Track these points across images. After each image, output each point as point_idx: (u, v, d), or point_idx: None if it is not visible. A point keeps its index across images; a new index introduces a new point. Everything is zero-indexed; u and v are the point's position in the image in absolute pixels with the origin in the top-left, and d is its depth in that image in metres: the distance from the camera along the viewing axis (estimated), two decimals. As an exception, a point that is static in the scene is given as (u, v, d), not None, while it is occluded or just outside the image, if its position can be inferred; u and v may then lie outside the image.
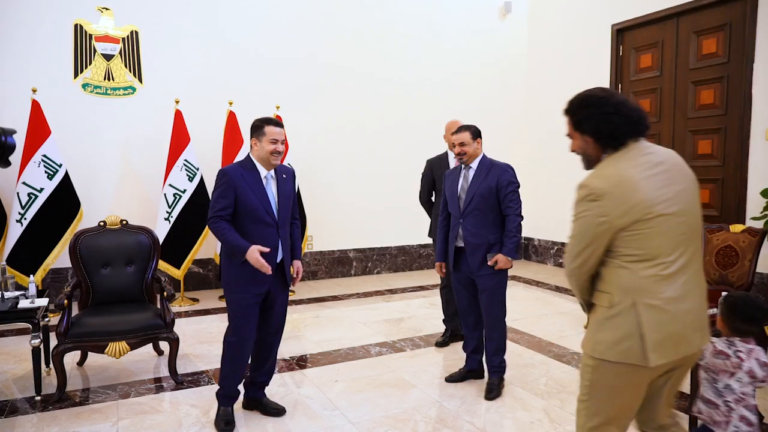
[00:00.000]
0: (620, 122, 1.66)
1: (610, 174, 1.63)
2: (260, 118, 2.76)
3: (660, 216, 1.59)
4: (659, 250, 1.60)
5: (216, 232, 2.65)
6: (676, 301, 1.61)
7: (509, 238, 3.14)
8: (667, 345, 1.61)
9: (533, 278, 6.61)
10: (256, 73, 6.02)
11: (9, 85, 5.01)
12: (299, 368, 3.64)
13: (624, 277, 1.63)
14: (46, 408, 2.98)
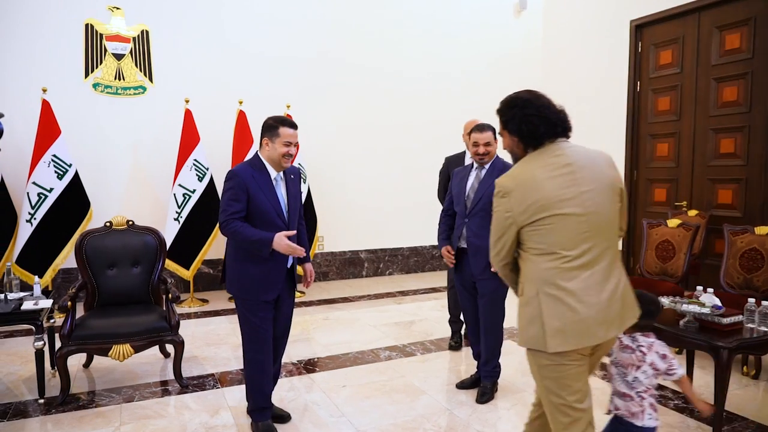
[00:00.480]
0: (539, 123, 1.79)
1: (518, 173, 1.79)
2: (275, 117, 2.61)
3: (559, 215, 1.71)
4: (560, 245, 1.71)
5: (233, 233, 2.49)
6: (579, 294, 1.69)
7: None
8: (568, 334, 1.68)
9: (548, 280, 6.46)
10: (267, 72, 5.96)
11: (20, 85, 5.01)
12: (307, 372, 3.56)
13: (530, 269, 1.76)
14: (50, 411, 2.94)
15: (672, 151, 5.86)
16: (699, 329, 2.70)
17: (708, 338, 2.60)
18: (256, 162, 2.61)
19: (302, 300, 5.53)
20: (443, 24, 6.92)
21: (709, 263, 5.15)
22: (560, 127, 1.82)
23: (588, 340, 1.71)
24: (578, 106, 7.10)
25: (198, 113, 5.33)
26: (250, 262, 2.57)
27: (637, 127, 6.25)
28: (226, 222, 2.50)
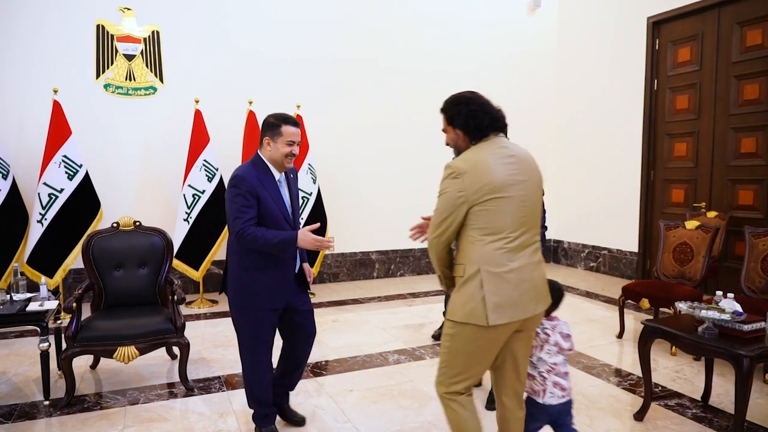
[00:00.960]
0: (484, 118, 1.98)
1: (471, 158, 1.93)
2: (276, 115, 2.48)
3: (506, 197, 1.88)
4: (504, 226, 1.88)
5: (253, 239, 2.36)
6: (516, 272, 1.88)
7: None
8: (505, 308, 1.86)
9: (562, 283, 6.31)
10: (277, 73, 5.93)
11: (32, 86, 5.04)
12: (314, 376, 3.50)
13: (474, 249, 1.89)
14: (54, 413, 2.92)
15: (690, 150, 5.71)
16: (718, 336, 2.59)
17: (728, 346, 2.49)
18: (258, 163, 2.50)
19: (312, 301, 5.48)
20: (456, 22, 6.84)
21: (730, 266, 5.00)
22: (501, 123, 2.02)
23: (522, 313, 1.91)
24: (593, 104, 7.00)
25: (208, 114, 5.32)
26: (258, 269, 2.48)
27: (654, 127, 6.11)
28: (243, 229, 2.36)
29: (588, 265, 7.08)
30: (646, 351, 2.85)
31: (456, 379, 1.98)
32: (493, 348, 1.95)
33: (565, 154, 7.45)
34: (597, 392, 3.23)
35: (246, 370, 2.61)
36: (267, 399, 2.62)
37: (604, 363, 3.70)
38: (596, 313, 4.98)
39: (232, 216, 2.41)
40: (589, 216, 7.06)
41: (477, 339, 1.90)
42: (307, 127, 5.63)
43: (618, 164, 6.54)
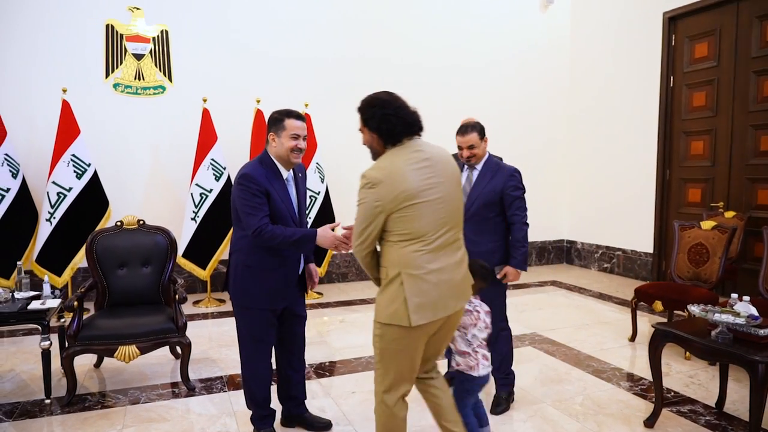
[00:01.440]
0: (397, 123, 1.98)
1: (385, 166, 1.95)
2: (279, 110, 2.43)
3: (423, 202, 1.93)
4: (423, 230, 1.93)
5: (271, 237, 2.31)
6: (436, 273, 1.95)
7: (517, 249, 2.88)
8: (426, 308, 1.93)
9: (575, 284, 6.22)
10: (285, 71, 5.90)
11: (42, 85, 5.07)
12: (317, 377, 3.46)
13: (394, 253, 1.95)
14: (55, 411, 2.92)
15: (708, 149, 5.56)
16: (733, 341, 2.48)
17: (743, 351, 2.38)
18: (266, 161, 2.45)
19: (319, 301, 5.45)
20: (467, 18, 6.75)
21: (748, 268, 4.85)
22: (416, 126, 2.03)
23: (443, 311, 1.98)
24: (608, 102, 6.86)
25: (216, 113, 5.30)
26: (262, 269, 2.44)
27: (670, 124, 5.96)
28: (261, 228, 2.31)
29: (602, 266, 6.94)
30: (657, 355, 2.75)
31: (392, 383, 2.04)
32: (418, 347, 2.01)
33: (577, 153, 7.32)
34: (606, 397, 3.13)
35: (244, 369, 2.57)
36: (265, 400, 2.58)
37: (614, 367, 3.60)
38: (608, 315, 4.86)
39: (245, 214, 2.35)
40: (603, 216, 6.92)
41: (401, 339, 1.96)
42: (315, 126, 5.59)
43: (633, 163, 6.40)
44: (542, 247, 7.50)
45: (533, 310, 5.12)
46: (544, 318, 4.80)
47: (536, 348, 3.99)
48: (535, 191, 7.30)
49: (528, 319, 4.75)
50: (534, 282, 6.35)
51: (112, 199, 5.06)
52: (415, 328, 1.93)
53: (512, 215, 2.90)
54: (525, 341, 4.16)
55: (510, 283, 2.98)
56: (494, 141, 6.90)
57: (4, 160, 4.61)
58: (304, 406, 2.78)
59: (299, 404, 2.76)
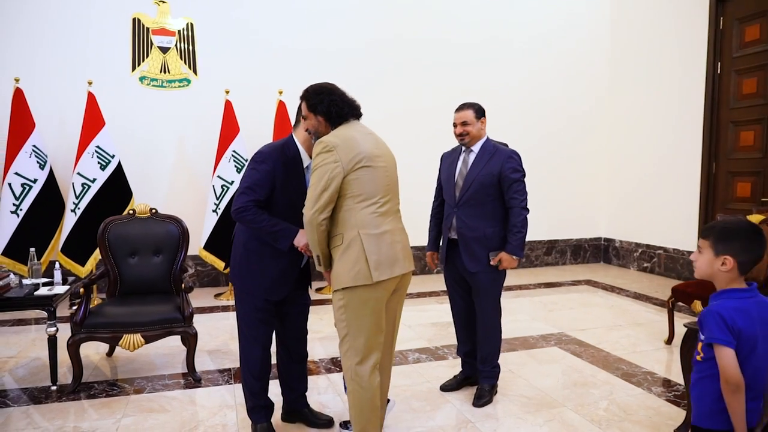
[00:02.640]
0: (344, 106, 2.19)
1: (339, 134, 2.13)
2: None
3: (374, 167, 2.12)
4: (375, 192, 2.11)
5: (250, 220, 2.23)
6: (389, 234, 2.12)
7: (513, 234, 2.73)
8: (385, 265, 2.08)
9: (612, 284, 5.89)
10: (309, 62, 5.82)
11: (71, 79, 5.15)
12: (326, 372, 3.34)
13: (351, 216, 2.08)
14: (60, 398, 2.90)
15: (759, 139, 5.15)
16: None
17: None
18: (290, 146, 2.33)
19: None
20: (501, 8, 6.50)
21: (802, 268, 4.43)
22: (358, 111, 2.24)
23: (400, 269, 2.13)
24: (649, 90, 6.47)
25: (239, 105, 5.27)
26: (265, 255, 2.34)
27: (716, 114, 5.56)
28: (244, 207, 2.23)
29: (641, 266, 6.56)
30: (689, 358, 2.49)
31: (363, 352, 2.10)
32: (382, 307, 2.12)
33: (616, 144, 6.95)
34: (634, 403, 2.88)
35: (241, 356, 2.47)
36: (260, 391, 2.47)
37: (646, 371, 3.33)
38: (645, 316, 4.54)
39: (240, 189, 2.30)
40: (643, 213, 6.54)
41: (367, 300, 2.07)
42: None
43: (676, 155, 6.01)
44: (577, 245, 7.16)
45: (563, 309, 4.85)
46: (574, 318, 4.53)
47: (562, 348, 3.75)
48: (571, 185, 7.01)
49: (556, 319, 4.50)
50: (567, 281, 6.05)
51: (137, 191, 5.10)
52: (378, 285, 2.06)
53: (510, 199, 2.75)
54: (551, 341, 3.92)
55: (540, 282, 2.83)
56: (528, 130, 6.70)
57: (32, 152, 4.70)
58: (304, 400, 2.66)
59: (299, 397, 2.64)
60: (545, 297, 5.29)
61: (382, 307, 2.13)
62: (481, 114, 2.84)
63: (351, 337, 2.10)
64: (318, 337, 3.95)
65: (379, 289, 2.08)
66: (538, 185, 5.92)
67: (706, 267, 1.67)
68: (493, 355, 2.88)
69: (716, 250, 1.64)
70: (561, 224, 7.02)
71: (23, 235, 4.60)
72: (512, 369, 3.36)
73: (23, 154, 4.66)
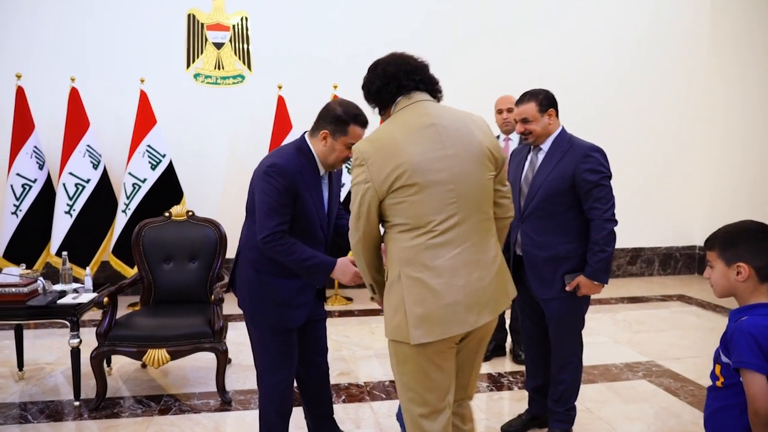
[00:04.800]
0: (374, 80, 1.62)
1: (378, 137, 1.56)
2: (346, 107, 1.94)
3: (421, 183, 1.49)
4: (424, 217, 1.51)
5: (282, 251, 1.90)
6: (445, 275, 1.50)
7: (594, 254, 2.18)
8: (432, 322, 1.49)
9: (709, 300, 5.09)
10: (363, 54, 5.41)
11: (126, 78, 5.04)
12: (370, 399, 2.94)
13: (393, 248, 1.57)
14: (80, 416, 2.69)
15: None
16: None
17: None
18: (304, 150, 1.98)
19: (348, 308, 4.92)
20: (576, -11, 5.84)
21: None
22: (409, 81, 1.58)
23: (456, 327, 1.51)
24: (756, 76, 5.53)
25: (292, 101, 5.00)
26: (278, 275, 2.00)
27: None
28: (273, 237, 1.89)
29: (746, 280, 5.66)
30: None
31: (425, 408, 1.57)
32: (430, 369, 1.54)
33: (715, 141, 6.07)
34: None
35: (260, 391, 2.12)
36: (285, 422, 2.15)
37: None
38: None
39: (262, 212, 1.91)
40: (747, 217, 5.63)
41: (410, 359, 1.53)
42: (396, 113, 5.09)
43: (792, 152, 5.11)
44: (667, 253, 6.33)
45: (652, 331, 4.18)
46: (666, 343, 3.86)
47: (652, 383, 3.14)
48: (660, 185, 6.19)
49: (643, 343, 3.85)
50: (655, 295, 5.30)
51: (189, 191, 4.95)
52: (421, 347, 1.50)
53: (590, 209, 2.20)
54: (638, 372, 3.31)
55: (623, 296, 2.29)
56: (612, 124, 5.98)
57: (85, 151, 4.65)
58: (334, 422, 2.33)
59: (324, 420, 2.31)
60: (629, 314, 4.61)
61: (431, 369, 1.55)
62: (548, 105, 2.28)
63: (401, 387, 1.61)
64: (365, 355, 3.57)
65: (426, 351, 1.51)
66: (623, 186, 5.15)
67: (722, 281, 1.49)
68: (570, 396, 2.36)
69: (726, 260, 1.48)
70: (648, 230, 6.22)
71: (76, 236, 4.55)
72: (589, 407, 2.80)
73: (77, 153, 4.62)
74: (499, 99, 3.57)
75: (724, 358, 1.45)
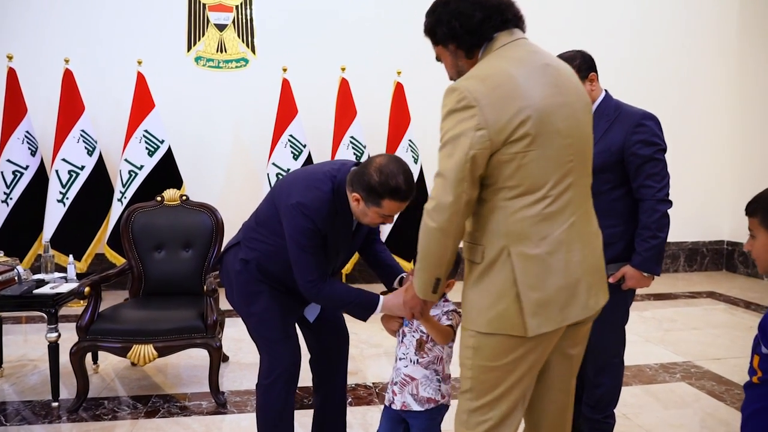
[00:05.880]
0: (474, 9, 1.28)
1: (488, 74, 1.24)
2: (383, 180, 1.58)
3: (545, 134, 1.21)
4: (544, 179, 1.23)
5: (328, 297, 1.72)
6: (562, 249, 1.25)
7: (645, 240, 1.88)
8: (552, 307, 1.25)
9: (741, 297, 4.75)
10: (373, 35, 5.15)
11: (124, 61, 4.79)
12: (380, 401, 2.66)
13: (497, 220, 1.26)
14: (58, 418, 2.43)
15: None
16: None
17: None
18: (341, 197, 1.70)
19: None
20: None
21: None
22: (510, 12, 1.31)
23: (576, 311, 1.28)
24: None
25: (298, 84, 4.72)
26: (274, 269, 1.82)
27: None
28: (318, 282, 1.69)
29: (780, 276, 5.31)
30: None
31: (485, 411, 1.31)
32: (535, 364, 1.31)
33: (745, 129, 5.71)
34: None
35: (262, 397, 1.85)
36: None
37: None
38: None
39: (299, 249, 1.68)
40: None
41: (509, 352, 1.27)
42: (408, 97, 4.81)
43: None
44: (693, 248, 5.98)
45: (685, 329, 3.86)
46: (702, 342, 3.54)
47: (693, 386, 2.82)
48: (685, 178, 5.79)
49: (677, 342, 3.53)
50: (683, 292, 4.97)
51: (189, 179, 4.69)
52: (536, 340, 1.26)
53: (640, 187, 1.90)
54: (675, 373, 3.00)
55: (649, 292, 1.99)
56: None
57: (80, 137, 4.40)
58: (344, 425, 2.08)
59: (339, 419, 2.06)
60: (658, 312, 4.29)
61: (535, 365, 1.32)
62: (588, 69, 1.97)
63: (473, 390, 1.34)
64: (374, 354, 3.29)
65: (537, 345, 1.27)
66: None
67: (766, 253, 1.28)
68: (609, 401, 2.05)
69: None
70: (673, 224, 5.67)
71: (69, 226, 4.31)
72: (626, 413, 2.50)
73: (71, 139, 4.37)
74: None
75: (765, 348, 1.23)
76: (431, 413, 1.64)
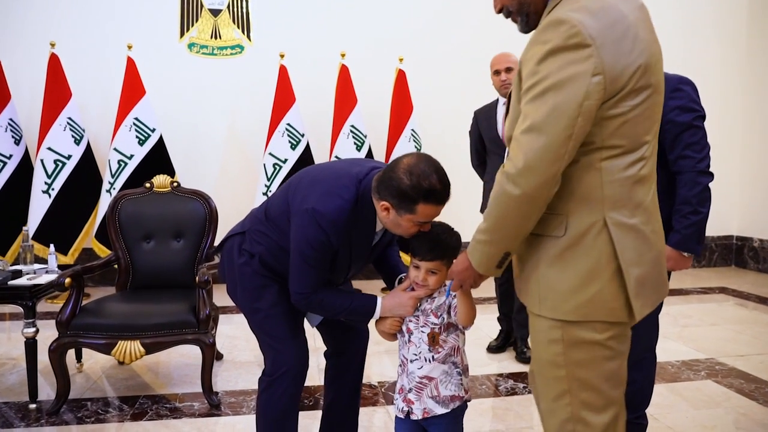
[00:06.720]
0: None
1: (598, 6, 1.01)
2: (416, 182, 1.38)
3: (653, 85, 1.05)
4: (640, 138, 1.06)
5: (319, 304, 1.57)
6: (652, 220, 1.11)
7: (684, 217, 1.70)
8: (648, 287, 1.10)
9: (754, 292, 4.59)
10: (374, 20, 4.96)
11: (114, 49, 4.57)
12: (386, 402, 2.46)
13: (590, 183, 1.06)
14: (36, 422, 2.22)
15: None
16: None
17: None
18: (366, 203, 1.51)
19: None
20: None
21: None
22: None
23: (665, 291, 1.17)
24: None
25: (296, 71, 4.53)
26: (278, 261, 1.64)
27: None
28: (310, 294, 1.54)
29: (793, 271, 5.15)
30: None
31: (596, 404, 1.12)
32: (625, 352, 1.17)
33: (755, 120, 5.56)
34: None
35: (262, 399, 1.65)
36: None
37: None
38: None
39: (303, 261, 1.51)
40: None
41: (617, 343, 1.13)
42: (411, 85, 4.62)
43: None
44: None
45: (702, 325, 3.68)
46: (723, 338, 3.36)
47: (720, 384, 2.64)
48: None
49: (696, 338, 3.35)
50: (695, 288, 4.81)
51: (182, 169, 4.48)
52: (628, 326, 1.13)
53: (678, 158, 1.73)
54: (699, 371, 2.82)
55: None
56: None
57: (66, 125, 4.19)
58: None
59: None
60: (672, 307, 4.11)
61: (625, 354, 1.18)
62: None
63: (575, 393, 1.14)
64: (376, 351, 3.09)
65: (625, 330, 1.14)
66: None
67: None
68: (642, 400, 1.87)
69: None
70: None
71: (55, 218, 4.10)
72: (653, 413, 2.30)
73: (57, 127, 4.16)
74: (494, 58, 3.00)
75: None
76: (455, 413, 1.46)
